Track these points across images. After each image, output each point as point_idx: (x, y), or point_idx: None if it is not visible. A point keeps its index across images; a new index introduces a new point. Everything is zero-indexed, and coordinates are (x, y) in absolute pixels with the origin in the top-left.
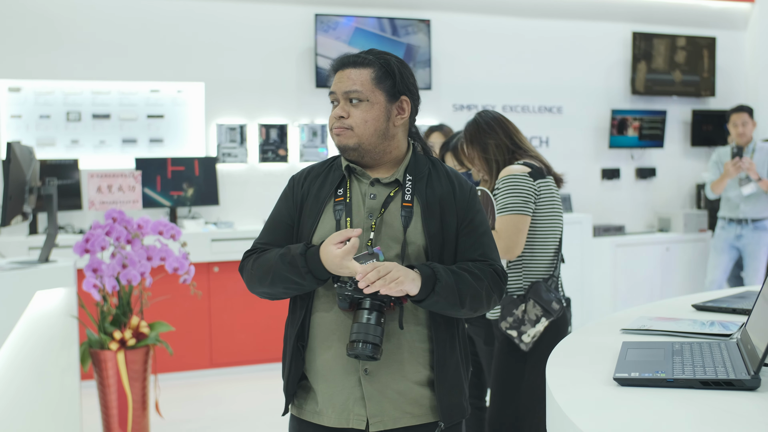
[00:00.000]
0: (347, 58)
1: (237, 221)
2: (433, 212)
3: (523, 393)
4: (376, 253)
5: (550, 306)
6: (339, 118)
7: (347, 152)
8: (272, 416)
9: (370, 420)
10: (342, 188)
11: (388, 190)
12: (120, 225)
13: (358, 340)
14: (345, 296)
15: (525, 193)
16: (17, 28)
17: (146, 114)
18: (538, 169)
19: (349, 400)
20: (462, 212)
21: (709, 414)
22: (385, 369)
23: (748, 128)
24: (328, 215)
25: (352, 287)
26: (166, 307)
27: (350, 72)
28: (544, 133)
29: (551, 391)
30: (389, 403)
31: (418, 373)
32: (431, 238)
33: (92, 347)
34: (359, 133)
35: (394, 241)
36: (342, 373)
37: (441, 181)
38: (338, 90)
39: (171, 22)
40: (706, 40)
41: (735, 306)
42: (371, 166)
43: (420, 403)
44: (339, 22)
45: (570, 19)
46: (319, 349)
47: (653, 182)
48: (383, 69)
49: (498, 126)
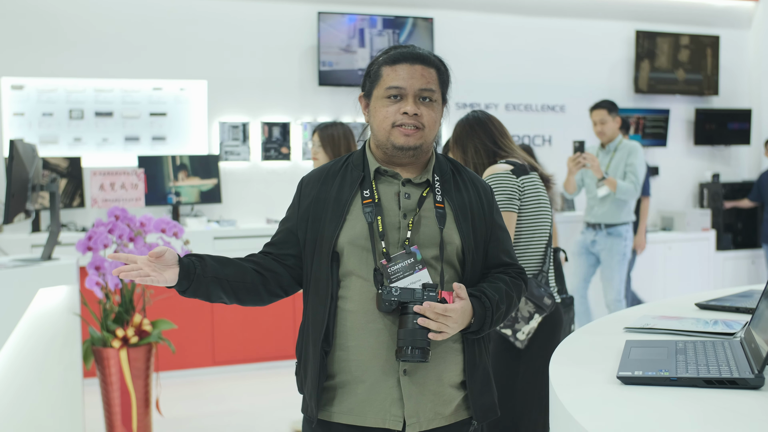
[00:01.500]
0: (416, 53)
1: (239, 219)
2: (465, 216)
3: (519, 391)
4: (413, 252)
5: (542, 301)
6: (413, 114)
7: (405, 152)
8: (275, 413)
9: (407, 421)
10: (367, 189)
11: (420, 190)
12: (122, 223)
13: (407, 346)
14: (391, 302)
15: (509, 190)
16: (20, 26)
17: (149, 112)
18: (521, 166)
19: (387, 401)
20: (489, 218)
21: (713, 413)
22: (423, 370)
23: (607, 126)
24: (355, 216)
25: (398, 292)
26: (169, 305)
27: (421, 69)
28: (546, 132)
29: (554, 390)
30: (426, 404)
31: (453, 374)
32: (465, 239)
33: (95, 345)
34: (427, 134)
35: (430, 241)
36: (380, 374)
37: (467, 185)
38: (410, 86)
39: (174, 20)
40: (709, 38)
41: (739, 305)
42: (404, 165)
43: (451, 404)
44: (342, 19)
45: (573, 18)
46: (351, 351)
47: (656, 181)
48: (446, 73)
49: (480, 128)
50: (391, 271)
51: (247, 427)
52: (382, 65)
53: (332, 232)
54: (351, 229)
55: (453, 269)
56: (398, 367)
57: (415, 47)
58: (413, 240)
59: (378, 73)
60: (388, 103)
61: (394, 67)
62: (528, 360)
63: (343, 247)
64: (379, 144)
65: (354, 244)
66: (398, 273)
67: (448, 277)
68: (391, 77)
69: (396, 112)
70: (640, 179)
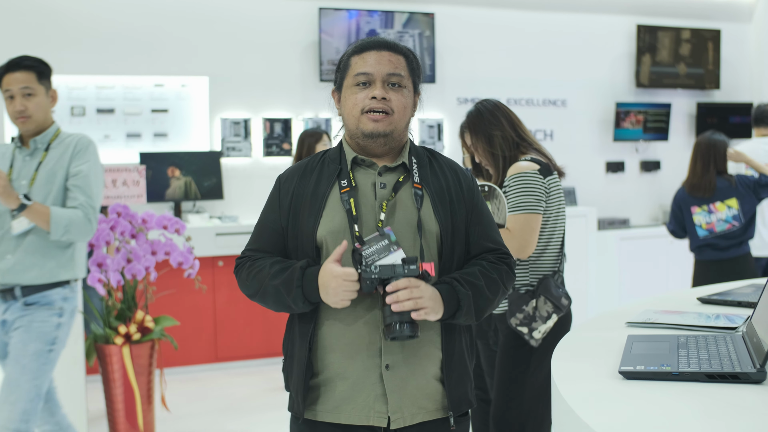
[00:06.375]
0: (383, 41)
1: (241, 215)
2: (443, 201)
3: (528, 387)
4: (387, 233)
5: (560, 302)
6: (382, 99)
7: (377, 139)
8: (277, 410)
9: (391, 416)
10: (344, 179)
11: (396, 175)
12: (124, 219)
13: (394, 323)
14: (372, 280)
15: (537, 192)
16: (21, 23)
17: (150, 108)
18: (546, 166)
19: (370, 398)
20: (469, 202)
21: (715, 407)
22: (405, 364)
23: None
24: (332, 208)
25: (378, 270)
26: (171, 302)
27: (389, 55)
28: (548, 127)
29: (557, 385)
30: (408, 398)
31: (434, 366)
32: (443, 224)
33: (97, 342)
34: (396, 119)
35: (408, 225)
36: (362, 370)
37: (444, 171)
38: (377, 72)
39: (175, 17)
40: (710, 32)
41: (740, 299)
42: (379, 155)
43: (433, 398)
44: (343, 15)
45: (574, 12)
46: (333, 348)
47: (658, 175)
48: (415, 61)
49: (503, 117)
50: (366, 254)
51: (249, 423)
52: (350, 56)
53: (312, 226)
54: (330, 221)
55: (430, 254)
56: (380, 363)
57: (384, 37)
58: (388, 223)
59: (347, 63)
60: (357, 90)
61: (362, 55)
62: (538, 357)
63: (323, 240)
64: (350, 134)
65: (334, 235)
66: (373, 255)
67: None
68: (359, 65)
69: (365, 98)
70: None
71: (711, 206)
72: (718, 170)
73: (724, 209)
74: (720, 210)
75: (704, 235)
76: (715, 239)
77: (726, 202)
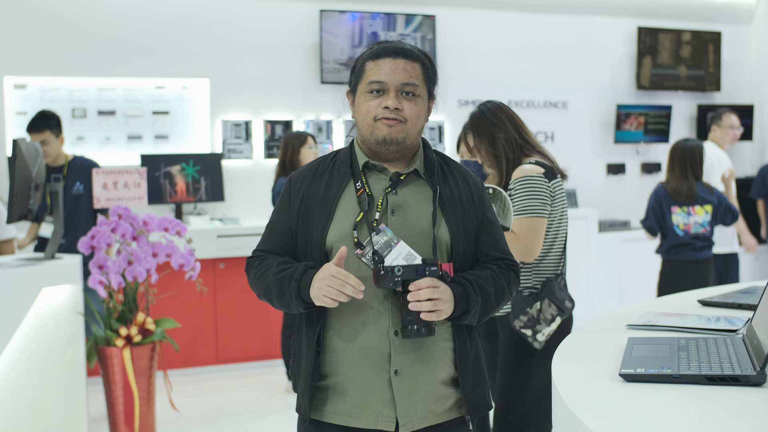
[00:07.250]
0: (399, 48)
1: (242, 217)
2: (455, 210)
3: (530, 390)
4: (383, 230)
5: (564, 305)
6: (395, 109)
7: (390, 146)
8: (278, 413)
9: (400, 421)
10: (359, 182)
11: (408, 182)
12: (125, 222)
13: (412, 325)
14: (395, 282)
15: (543, 195)
16: (22, 25)
17: (151, 110)
18: (550, 169)
19: (378, 403)
20: (480, 212)
21: (715, 410)
22: (414, 369)
23: None
24: (342, 213)
25: (401, 272)
26: (172, 304)
27: (404, 63)
28: (549, 129)
29: (557, 387)
30: (418, 403)
31: (444, 372)
32: (454, 234)
33: (98, 344)
34: (410, 128)
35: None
36: (370, 374)
37: (455, 177)
38: (392, 81)
39: (176, 19)
40: (711, 34)
41: (741, 301)
42: (392, 161)
43: (443, 402)
44: (344, 17)
45: (575, 14)
46: (341, 352)
47: (659, 177)
48: (431, 68)
49: (506, 118)
50: (368, 259)
51: (250, 425)
52: (365, 60)
53: (321, 231)
54: (339, 226)
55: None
56: (389, 368)
57: (401, 42)
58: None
59: (362, 68)
60: (371, 98)
61: (377, 61)
62: (540, 360)
63: (333, 245)
64: (363, 139)
65: (343, 240)
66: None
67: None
68: (374, 72)
69: (378, 107)
70: None
71: (691, 209)
72: (696, 176)
73: (702, 213)
74: (698, 213)
75: (681, 235)
76: (691, 239)
77: (705, 207)
